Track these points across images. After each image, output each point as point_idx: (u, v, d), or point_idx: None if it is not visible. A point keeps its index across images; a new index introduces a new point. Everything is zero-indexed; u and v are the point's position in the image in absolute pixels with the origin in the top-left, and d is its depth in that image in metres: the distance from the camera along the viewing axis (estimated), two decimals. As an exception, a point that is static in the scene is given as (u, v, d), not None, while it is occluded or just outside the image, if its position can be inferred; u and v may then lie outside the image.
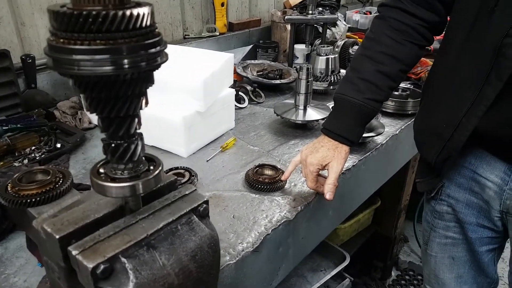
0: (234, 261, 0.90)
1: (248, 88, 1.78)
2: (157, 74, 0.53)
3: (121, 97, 0.51)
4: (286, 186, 1.17)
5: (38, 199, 0.75)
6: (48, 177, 0.81)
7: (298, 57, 2.31)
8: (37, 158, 1.19)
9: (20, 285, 0.79)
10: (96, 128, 1.46)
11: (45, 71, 1.43)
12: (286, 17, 2.06)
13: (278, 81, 1.88)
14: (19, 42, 1.39)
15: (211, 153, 1.32)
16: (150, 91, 0.52)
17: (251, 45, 2.22)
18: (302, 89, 1.51)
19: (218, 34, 2.11)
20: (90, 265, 0.50)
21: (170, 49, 1.60)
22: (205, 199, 0.64)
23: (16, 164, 1.15)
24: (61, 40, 0.45)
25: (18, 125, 1.21)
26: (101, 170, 0.58)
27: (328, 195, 1.01)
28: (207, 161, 1.28)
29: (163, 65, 0.53)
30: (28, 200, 0.75)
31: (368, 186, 1.53)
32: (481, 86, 0.84)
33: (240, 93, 1.73)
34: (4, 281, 0.79)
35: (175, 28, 2.01)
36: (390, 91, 1.04)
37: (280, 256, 1.07)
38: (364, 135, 1.41)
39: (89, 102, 0.50)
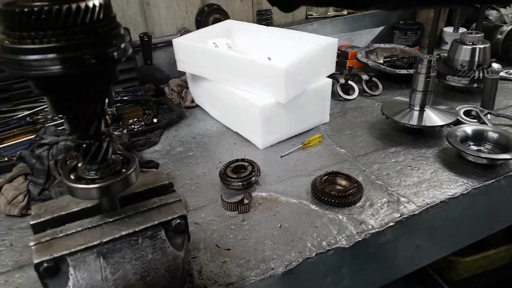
0: (259, 278, 0.80)
1: (362, 77, 1.55)
2: (245, 56, 0.45)
3: (79, 97, 0.48)
4: (359, 203, 0.98)
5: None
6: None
7: (447, 43, 1.90)
8: (135, 129, 1.32)
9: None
10: (197, 107, 1.52)
11: (162, 49, 1.55)
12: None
13: (404, 71, 1.57)
14: (142, 20, 1.54)
15: (289, 148, 1.21)
16: (233, 73, 0.42)
17: (382, 27, 1.92)
18: (420, 86, 1.22)
19: (346, 13, 1.89)
20: (35, 260, 0.50)
21: (270, 31, 1.53)
22: (183, 214, 0.57)
23: (116, 132, 1.29)
24: (11, 40, 0.44)
25: (125, 98, 1.36)
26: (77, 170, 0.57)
27: None
28: (281, 156, 1.18)
29: (253, 47, 0.45)
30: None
31: (489, 222, 1.15)
32: None
33: (350, 82, 1.52)
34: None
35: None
36: None
37: (327, 286, 0.91)
38: (494, 156, 1.06)
39: (52, 103, 0.49)
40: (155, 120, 1.36)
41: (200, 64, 1.33)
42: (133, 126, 1.34)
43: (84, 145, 0.51)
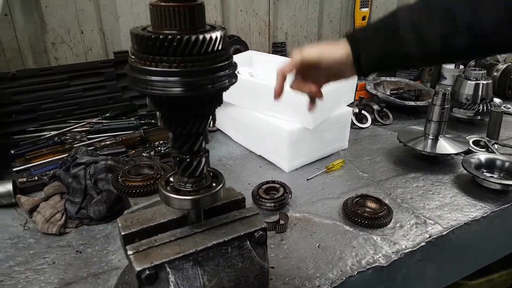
0: (306, 295, 0.84)
1: (374, 107, 1.65)
2: (270, 83, 0.50)
3: (191, 117, 0.53)
4: (390, 225, 1.04)
5: (137, 191, 0.85)
6: (152, 172, 0.91)
7: (446, 78, 2.05)
8: (162, 151, 1.35)
9: (115, 263, 0.90)
10: (218, 131, 1.57)
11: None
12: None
13: (412, 103, 1.69)
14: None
15: (314, 172, 1.27)
16: (260, 100, 0.49)
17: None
18: (435, 117, 1.32)
19: (354, 48, 2.02)
20: (137, 268, 0.53)
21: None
22: (263, 226, 0.61)
23: (144, 154, 1.33)
24: (139, 61, 0.49)
25: (152, 121, 1.40)
26: (171, 181, 0.61)
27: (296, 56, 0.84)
28: (307, 179, 1.24)
29: (273, 76, 0.52)
30: (130, 191, 0.86)
31: (504, 243, 1.23)
32: None
33: (363, 111, 1.62)
34: (104, 256, 0.93)
35: (310, 41, 2.02)
36: (443, 44, 0.72)
37: (366, 302, 0.95)
38: (508, 182, 1.15)
39: (163, 120, 0.54)
40: (181, 143, 1.40)
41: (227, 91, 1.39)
42: (159, 148, 1.37)
43: (188, 160, 0.55)
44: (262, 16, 1.87)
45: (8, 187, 1.08)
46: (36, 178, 1.20)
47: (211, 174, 0.62)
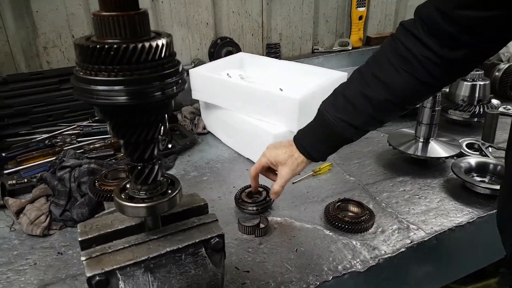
0: (279, 300, 0.84)
1: (368, 110, 1.63)
2: (259, 87, 0.50)
3: (138, 124, 0.53)
4: (371, 230, 1.02)
5: (112, 195, 0.86)
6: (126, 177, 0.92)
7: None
8: (150, 154, 1.36)
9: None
10: (209, 134, 1.58)
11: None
12: (402, 20, 1.80)
13: (407, 105, 1.65)
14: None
15: (300, 175, 1.26)
16: (248, 103, 0.47)
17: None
18: (426, 119, 1.29)
19: (350, 48, 2.01)
20: (88, 274, 0.53)
21: (281, 64, 1.62)
22: (221, 233, 0.61)
23: (124, 154, 1.33)
24: (82, 71, 0.49)
25: (142, 124, 1.41)
26: (127, 188, 0.61)
27: (272, 196, 1.04)
28: (293, 183, 1.23)
29: (264, 78, 0.52)
30: (106, 195, 0.86)
31: (496, 248, 1.20)
32: None
33: (356, 114, 1.60)
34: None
35: (305, 42, 2.00)
36: (371, 120, 0.89)
37: (342, 309, 0.94)
38: (497, 187, 1.11)
39: (111, 127, 0.54)
40: (169, 146, 1.41)
41: (215, 93, 1.40)
42: (149, 151, 1.38)
43: (139, 167, 0.55)
44: (255, 17, 1.87)
45: (-5, 189, 1.10)
46: (25, 180, 1.22)
47: (168, 180, 0.62)
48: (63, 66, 1.54)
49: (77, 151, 1.29)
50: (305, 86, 1.25)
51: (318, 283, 0.86)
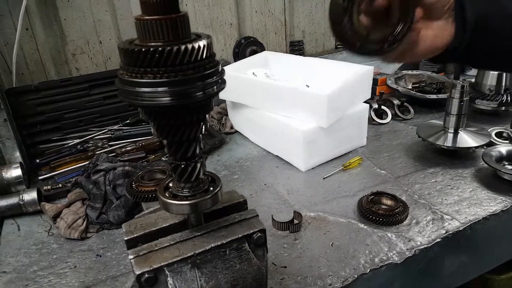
0: (318, 293, 0.84)
1: (394, 102, 1.61)
2: (287, 84, 0.48)
3: (181, 124, 0.54)
4: (406, 221, 1.01)
5: (150, 195, 0.88)
6: (164, 177, 0.94)
7: (471, 68, 1.96)
8: (179, 155, 1.39)
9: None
10: (236, 133, 1.59)
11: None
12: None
13: (434, 96, 1.63)
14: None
15: (330, 171, 1.26)
16: (275, 100, 0.44)
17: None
18: (454, 110, 1.27)
19: (373, 42, 1.99)
20: (137, 272, 0.55)
21: (305, 61, 1.63)
22: (262, 228, 0.62)
23: (163, 158, 1.36)
24: (127, 74, 0.51)
25: (170, 126, 1.43)
26: (170, 186, 0.63)
27: None
28: (323, 178, 1.23)
29: (289, 76, 0.50)
30: (143, 196, 0.88)
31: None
32: None
33: (383, 107, 1.58)
34: (123, 259, 0.96)
35: (327, 38, 2.00)
36: None
37: (380, 301, 0.93)
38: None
39: (155, 128, 0.55)
40: (198, 145, 1.43)
41: (242, 92, 1.41)
42: (177, 152, 1.41)
43: (182, 165, 0.57)
44: (277, 16, 1.87)
45: (33, 195, 1.14)
46: (60, 185, 1.26)
47: (209, 178, 0.63)
48: (92, 72, 1.58)
49: (110, 155, 1.33)
50: (331, 81, 1.25)
51: (356, 276, 0.86)
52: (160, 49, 0.48)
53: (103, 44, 1.60)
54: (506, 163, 1.20)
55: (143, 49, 0.48)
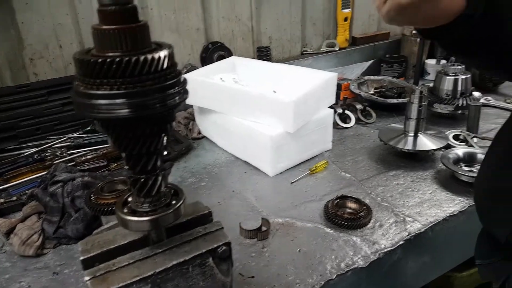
0: (285, 302, 0.84)
1: (357, 107, 1.65)
2: (254, 90, 0.48)
3: (141, 136, 0.53)
4: (369, 225, 1.04)
5: (110, 208, 0.84)
6: (126, 188, 0.91)
7: (429, 73, 2.05)
8: (144, 162, 1.35)
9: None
10: (204, 139, 1.57)
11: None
12: (413, 32, 1.84)
13: (394, 100, 1.68)
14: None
15: (298, 175, 1.27)
16: (243, 106, 0.44)
17: (371, 61, 2.07)
18: (413, 114, 1.32)
19: (337, 49, 2.04)
20: (95, 293, 0.53)
21: (273, 67, 1.63)
22: (227, 241, 0.61)
23: (126, 167, 1.32)
24: (83, 85, 0.49)
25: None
26: (129, 201, 0.60)
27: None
28: (291, 183, 1.23)
29: (257, 81, 0.50)
30: (103, 209, 0.85)
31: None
32: None
33: (346, 111, 1.62)
34: (81, 276, 0.90)
35: (293, 44, 2.02)
36: None
37: (347, 305, 0.95)
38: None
39: (113, 140, 0.53)
40: (165, 153, 1.40)
41: (209, 97, 1.40)
42: (142, 160, 1.37)
43: (142, 180, 0.55)
44: (244, 22, 1.87)
45: (-17, 210, 1.07)
46: (14, 198, 1.18)
47: (171, 191, 0.61)
48: (51, 77, 1.51)
49: (69, 164, 1.27)
50: (297, 87, 1.26)
51: (322, 283, 0.87)
52: (117, 59, 0.46)
53: (63, 49, 1.54)
54: (463, 164, 1.25)
55: (99, 60, 0.46)
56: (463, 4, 0.59)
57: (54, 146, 1.40)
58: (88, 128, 1.48)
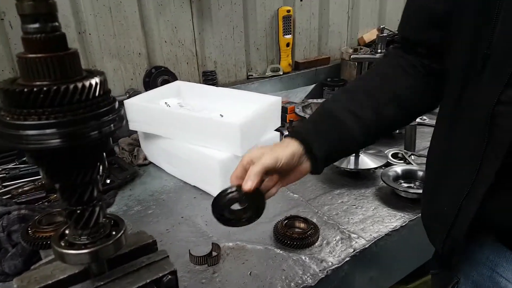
0: (236, 328, 0.83)
1: (303, 129, 1.71)
2: (201, 114, 0.48)
3: (75, 166, 0.51)
4: (318, 243, 1.06)
5: (48, 242, 0.80)
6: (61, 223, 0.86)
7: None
8: (88, 192, 1.29)
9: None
10: (151, 165, 1.54)
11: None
12: (352, 56, 1.96)
13: (338, 121, 1.76)
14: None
15: (247, 199, 1.27)
16: (189, 131, 0.42)
17: (314, 84, 2.17)
18: (354, 134, 1.38)
19: (281, 73, 2.12)
20: (29, 334, 0.49)
21: (218, 91, 1.64)
22: (173, 269, 0.60)
23: (61, 199, 1.25)
24: (10, 116, 0.47)
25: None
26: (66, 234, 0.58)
27: (245, 185, 0.76)
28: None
29: (203, 106, 0.50)
30: (41, 243, 0.80)
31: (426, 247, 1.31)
32: (479, 164, 0.67)
33: (293, 134, 1.67)
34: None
35: (239, 69, 2.07)
36: (375, 115, 0.84)
37: (298, 325, 0.95)
38: (421, 191, 1.23)
39: (44, 171, 0.51)
40: (108, 181, 1.35)
41: (154, 123, 1.38)
42: (85, 189, 1.31)
43: (78, 211, 0.53)
44: (188, 46, 1.89)
45: None
46: None
47: (111, 221, 0.60)
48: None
49: (4, 197, 1.19)
50: (243, 111, 1.29)
51: (273, 304, 0.87)
52: (45, 88, 0.45)
53: (-4, 76, 1.46)
54: (402, 181, 1.33)
55: (25, 90, 0.45)
56: (309, 168, 0.85)
57: (-14, 178, 1.31)
58: (24, 159, 1.40)
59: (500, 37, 0.62)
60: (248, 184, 0.75)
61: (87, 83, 0.47)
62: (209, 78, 1.90)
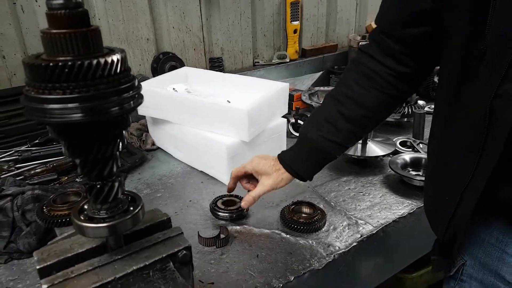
0: (244, 307, 0.85)
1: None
2: (208, 100, 0.49)
3: (96, 141, 0.52)
4: (324, 228, 1.08)
5: (63, 220, 0.82)
6: (79, 199, 0.88)
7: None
8: (97, 175, 1.31)
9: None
10: (159, 150, 1.56)
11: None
12: (360, 44, 1.95)
13: (345, 110, 1.77)
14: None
15: (255, 184, 1.29)
16: (197, 116, 0.44)
17: (320, 72, 2.16)
18: (362, 122, 1.39)
19: (288, 60, 2.11)
20: (51, 302, 0.51)
21: (225, 77, 1.65)
22: (187, 245, 0.61)
23: (78, 179, 1.28)
24: (34, 90, 0.48)
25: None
26: (85, 209, 0.59)
27: (244, 204, 1.04)
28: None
29: (210, 92, 0.51)
30: (56, 221, 0.82)
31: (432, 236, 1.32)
32: (478, 156, 0.69)
33: (299, 121, 1.68)
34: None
35: (245, 55, 2.06)
36: (351, 135, 0.97)
37: (305, 306, 0.97)
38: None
39: (66, 147, 0.52)
40: (118, 164, 1.37)
41: (163, 108, 1.39)
42: (95, 172, 1.33)
43: (98, 186, 0.54)
44: (195, 32, 1.89)
45: None
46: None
47: (129, 198, 0.61)
48: (-6, 88, 1.44)
49: (17, 178, 1.21)
50: (250, 97, 1.30)
51: (281, 285, 0.89)
52: (69, 63, 0.46)
53: (7, 60, 1.47)
54: (411, 169, 1.34)
55: (51, 64, 0.46)
56: (291, 178, 1.01)
57: (1, 160, 1.33)
58: (37, 141, 1.42)
59: (495, 32, 0.63)
60: None
61: (109, 59, 0.48)
62: (215, 65, 1.90)
